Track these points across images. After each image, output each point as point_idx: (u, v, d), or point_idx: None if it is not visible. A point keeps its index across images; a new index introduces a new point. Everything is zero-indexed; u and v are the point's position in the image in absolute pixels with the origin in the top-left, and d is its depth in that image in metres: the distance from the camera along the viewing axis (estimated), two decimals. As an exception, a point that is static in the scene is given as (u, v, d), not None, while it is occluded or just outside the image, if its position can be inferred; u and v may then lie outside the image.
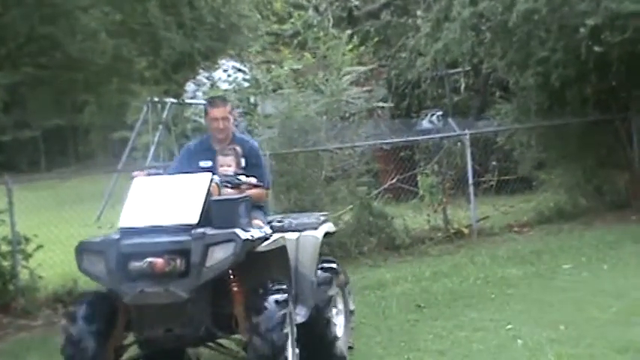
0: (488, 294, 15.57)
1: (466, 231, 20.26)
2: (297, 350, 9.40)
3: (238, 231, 8.57)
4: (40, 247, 15.85)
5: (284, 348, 8.59)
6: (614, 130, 22.16)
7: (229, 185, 9.58)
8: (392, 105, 21.76)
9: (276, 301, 8.66)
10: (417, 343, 12.76)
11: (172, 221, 8.60)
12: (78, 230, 17.90)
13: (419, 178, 22.15)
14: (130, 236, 8.38)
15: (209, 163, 9.83)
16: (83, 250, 8.48)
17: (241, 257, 8.49)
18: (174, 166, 10.42)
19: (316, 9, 21.13)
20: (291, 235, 10.48)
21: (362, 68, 20.21)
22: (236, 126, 14.29)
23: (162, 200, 8.96)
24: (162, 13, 14.85)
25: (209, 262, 8.28)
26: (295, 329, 9.45)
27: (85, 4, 14.05)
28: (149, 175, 9.53)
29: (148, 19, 14.76)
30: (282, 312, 8.58)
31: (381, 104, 20.67)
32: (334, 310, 9.72)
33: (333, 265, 10.89)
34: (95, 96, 16.37)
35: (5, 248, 16.79)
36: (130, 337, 9.68)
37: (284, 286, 9.08)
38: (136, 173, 9.59)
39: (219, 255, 8.38)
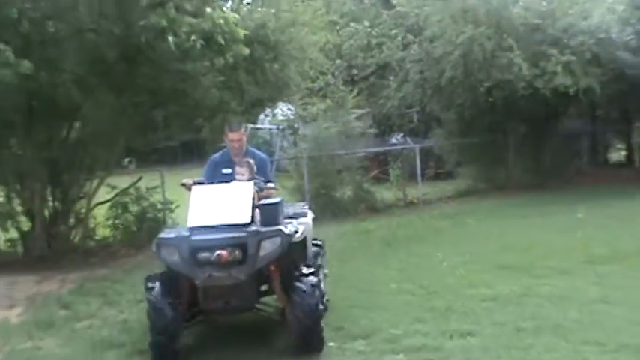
0: (427, 236, 15.79)
1: (416, 201, 20.96)
2: None
3: (282, 228, 7.81)
4: (177, 206, 15.97)
5: (320, 311, 7.71)
6: (499, 145, 22.35)
7: (257, 190, 8.44)
8: (375, 130, 21.99)
9: (312, 284, 7.67)
10: (387, 262, 12.92)
11: (230, 221, 7.73)
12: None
13: (390, 171, 22.27)
14: (197, 233, 7.62)
15: (229, 171, 8.84)
16: (161, 243, 7.72)
17: (285, 248, 7.70)
18: (206, 173, 9.19)
19: (333, 74, 21.27)
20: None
21: (361, 111, 20.41)
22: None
23: (219, 204, 7.94)
24: (245, 76, 15.01)
25: (261, 253, 7.52)
26: None
27: (203, 72, 14.22)
28: (195, 183, 8.48)
29: (238, 80, 14.90)
30: (317, 291, 7.67)
31: (369, 130, 20.93)
32: (321, 275, 8.61)
33: (319, 242, 9.81)
34: (208, 122, 16.59)
35: (159, 207, 16.68)
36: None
37: (313, 268, 8.09)
38: (185, 181, 8.69)
39: (269, 247, 7.56)
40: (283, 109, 22.17)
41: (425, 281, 10.91)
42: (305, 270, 7.90)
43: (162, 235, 8.05)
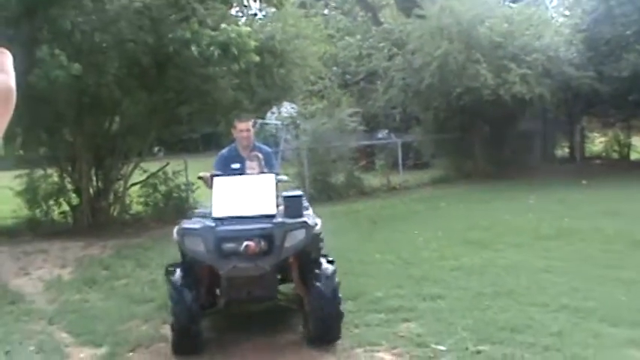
0: (407, 216, 15.79)
1: (397, 187, 20.83)
2: None
3: (307, 219, 6.79)
4: (198, 187, 16.03)
5: (339, 299, 6.79)
6: (467, 140, 22.39)
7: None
8: (364, 126, 21.91)
9: (331, 273, 6.75)
10: (373, 238, 12.97)
11: (255, 212, 6.74)
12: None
13: (376, 161, 22.23)
14: (223, 224, 6.63)
15: (237, 166, 7.68)
16: (185, 233, 6.69)
17: (310, 240, 6.73)
18: (216, 168, 7.87)
19: (329, 79, 21.24)
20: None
21: (352, 110, 20.27)
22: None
23: (242, 195, 6.88)
24: (256, 79, 15.01)
25: (287, 244, 6.54)
26: None
27: (221, 75, 14.22)
28: (212, 175, 7.25)
29: (250, 82, 14.88)
30: (335, 280, 6.70)
31: (359, 126, 20.82)
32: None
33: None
34: (224, 118, 16.59)
35: (183, 187, 16.62)
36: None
37: (332, 258, 7.14)
38: (202, 174, 7.61)
39: (295, 239, 6.57)
40: (287, 108, 22.22)
41: (404, 253, 10.98)
42: (323, 259, 7.02)
43: (185, 225, 6.89)
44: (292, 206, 6.74)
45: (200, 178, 7.70)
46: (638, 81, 21.74)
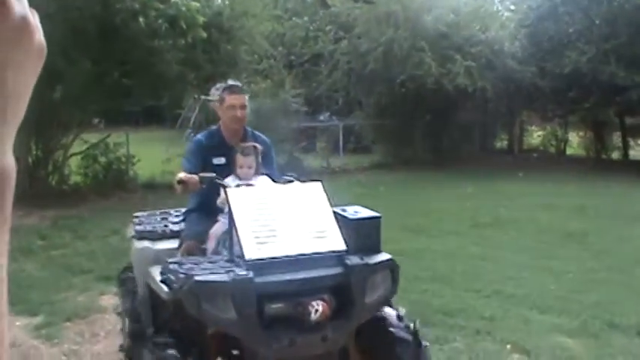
0: (345, 200, 15.24)
1: (337, 170, 20.73)
2: None
3: (389, 255, 4.31)
4: (138, 160, 16.13)
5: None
6: (408, 127, 22.61)
7: None
8: (306, 108, 21.98)
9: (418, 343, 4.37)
10: None
11: (316, 248, 4.06)
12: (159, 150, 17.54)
13: (317, 143, 22.38)
14: (265, 272, 3.93)
15: (222, 161, 5.18)
16: (202, 289, 3.87)
17: (397, 287, 4.32)
18: (190, 160, 5.26)
19: (275, 59, 21.26)
20: None
21: (296, 91, 20.36)
22: None
23: (283, 219, 4.18)
24: (202, 55, 15.01)
25: (369, 298, 4.07)
26: None
27: (167, 49, 14.20)
28: (204, 180, 4.67)
29: (196, 57, 14.87)
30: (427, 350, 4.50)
31: (302, 108, 20.92)
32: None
33: None
34: (169, 91, 16.56)
35: (123, 160, 16.33)
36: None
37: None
38: (182, 176, 4.77)
39: (379, 288, 4.16)
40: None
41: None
42: (395, 311, 4.63)
43: (199, 274, 3.89)
44: (367, 234, 4.31)
45: (181, 182, 4.75)
46: (578, 78, 22.31)
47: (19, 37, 0.89)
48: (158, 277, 4.41)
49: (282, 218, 4.14)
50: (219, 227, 4.78)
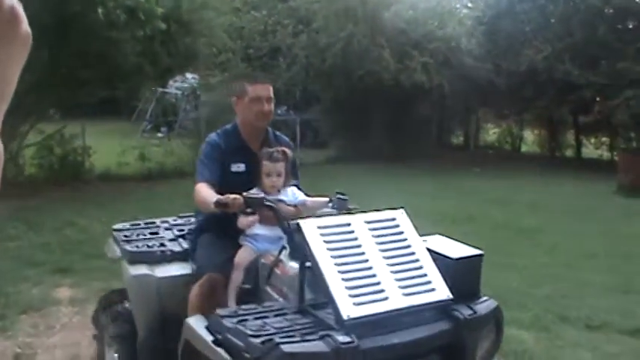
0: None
1: (298, 162, 20.41)
2: None
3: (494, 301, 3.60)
4: (94, 152, 16.05)
5: None
6: (366, 122, 22.74)
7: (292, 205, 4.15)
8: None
9: None
10: None
11: (419, 299, 3.19)
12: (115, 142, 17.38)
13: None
14: (368, 334, 2.96)
15: (241, 167, 4.35)
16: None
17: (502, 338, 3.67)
18: (209, 167, 4.29)
19: (233, 52, 21.28)
20: None
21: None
22: None
23: (376, 261, 3.20)
24: (160, 47, 14.96)
25: (478, 356, 3.41)
26: None
27: (125, 41, 14.13)
28: (250, 202, 3.71)
29: (154, 49, 14.83)
30: None
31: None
32: None
33: None
34: (126, 83, 16.48)
35: (79, 151, 16.23)
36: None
37: None
38: (221, 199, 3.69)
39: (486, 341, 3.49)
40: (189, 78, 22.21)
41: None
42: None
43: (277, 336, 2.92)
44: (468, 276, 3.56)
45: (220, 205, 3.72)
46: (534, 76, 22.72)
47: (9, 27, 0.93)
48: (206, 336, 3.22)
49: (375, 259, 3.22)
50: (245, 255, 4.01)
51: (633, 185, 17.12)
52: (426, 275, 3.29)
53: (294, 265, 3.50)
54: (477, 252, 3.67)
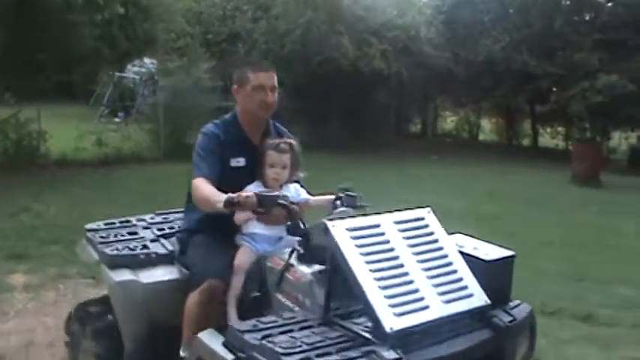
0: None
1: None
2: None
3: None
4: (50, 137, 15.81)
5: None
6: (325, 109, 22.77)
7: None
8: (222, 86, 21.90)
9: None
10: None
11: (458, 306, 2.90)
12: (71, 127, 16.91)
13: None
14: (413, 347, 2.68)
15: (241, 161, 3.92)
16: None
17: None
18: (207, 160, 3.78)
19: (191, 37, 21.12)
20: None
21: (208, 65, 20.15)
22: None
23: (412, 265, 2.91)
24: (119, 32, 14.84)
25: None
26: None
27: (84, 24, 14.01)
28: (262, 199, 3.27)
29: (112, 33, 14.72)
30: None
31: (219, 83, 20.84)
32: None
33: None
34: (83, 67, 16.35)
35: (35, 136, 15.95)
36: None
37: None
38: (233, 196, 3.29)
39: (521, 347, 3.24)
40: (147, 63, 22.01)
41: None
42: None
43: (313, 353, 2.62)
44: (500, 279, 3.26)
45: (231, 205, 3.36)
46: (492, 66, 22.98)
47: None
48: (226, 354, 2.89)
49: (410, 263, 2.95)
50: (245, 257, 3.69)
51: (587, 175, 17.50)
52: (461, 280, 3.02)
53: (306, 270, 3.26)
54: (509, 253, 3.33)
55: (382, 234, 2.98)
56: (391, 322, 2.68)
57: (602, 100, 20.98)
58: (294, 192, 3.90)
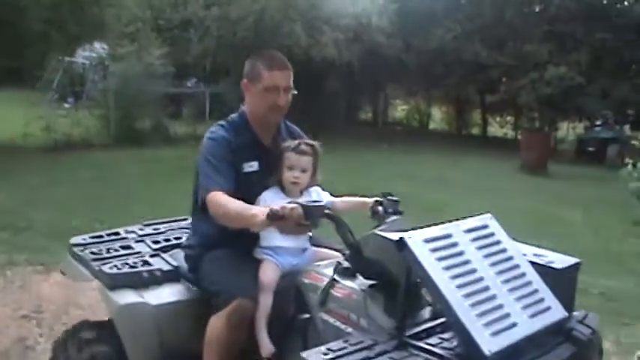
0: None
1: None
2: None
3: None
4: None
5: None
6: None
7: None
8: (173, 73, 21.83)
9: None
10: (177, 183, 12.35)
11: (541, 321, 2.60)
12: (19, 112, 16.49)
13: (183, 109, 22.30)
14: None
15: (254, 166, 3.53)
16: None
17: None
18: (219, 168, 3.36)
19: (143, 22, 20.96)
20: None
21: (160, 51, 20.04)
22: None
23: (492, 280, 2.58)
24: (70, 16, 14.71)
25: None
26: None
27: (31, 6, 13.85)
28: (311, 208, 2.91)
29: (62, 17, 14.57)
30: None
31: (170, 69, 20.76)
32: None
33: None
34: (31, 50, 16.17)
35: None
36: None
37: None
38: (271, 209, 2.94)
39: None
40: (98, 48, 21.78)
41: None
42: None
43: None
44: (567, 287, 2.98)
45: (273, 218, 2.97)
46: (443, 55, 23.20)
47: None
48: None
49: (488, 276, 2.66)
50: (270, 273, 3.38)
51: (535, 164, 17.85)
52: (537, 291, 2.76)
53: (354, 285, 3.00)
54: (576, 260, 3.04)
55: (455, 244, 2.67)
56: (488, 343, 2.39)
57: (551, 92, 21.37)
58: (317, 197, 3.61)
